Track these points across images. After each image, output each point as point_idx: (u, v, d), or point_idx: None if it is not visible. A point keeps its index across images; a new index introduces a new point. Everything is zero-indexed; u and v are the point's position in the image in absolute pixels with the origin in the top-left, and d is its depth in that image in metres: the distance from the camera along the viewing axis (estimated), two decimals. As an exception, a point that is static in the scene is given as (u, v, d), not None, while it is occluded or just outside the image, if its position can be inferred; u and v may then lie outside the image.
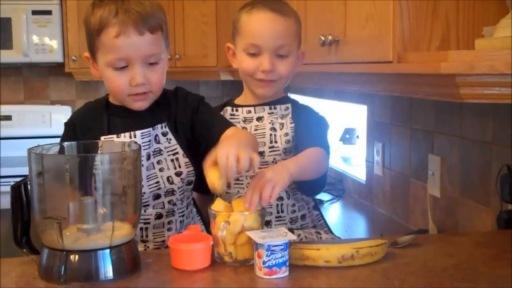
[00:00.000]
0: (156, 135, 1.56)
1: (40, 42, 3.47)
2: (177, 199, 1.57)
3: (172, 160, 1.56)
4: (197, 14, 3.47)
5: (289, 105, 1.69)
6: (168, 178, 1.55)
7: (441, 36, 1.38)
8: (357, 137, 2.91)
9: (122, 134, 1.53)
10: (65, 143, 1.36)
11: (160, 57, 1.51)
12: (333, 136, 3.00)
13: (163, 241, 1.58)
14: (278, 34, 1.61)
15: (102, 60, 1.50)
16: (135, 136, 1.53)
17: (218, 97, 3.92)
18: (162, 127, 1.57)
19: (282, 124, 1.65)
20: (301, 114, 1.68)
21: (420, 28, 1.38)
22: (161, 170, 1.54)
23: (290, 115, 1.67)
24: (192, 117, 1.58)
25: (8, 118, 3.66)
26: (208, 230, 1.64)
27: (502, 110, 1.64)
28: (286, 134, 1.63)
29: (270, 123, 1.66)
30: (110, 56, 1.47)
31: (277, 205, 1.62)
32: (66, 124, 1.63)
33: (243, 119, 1.69)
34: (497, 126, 1.67)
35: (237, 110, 1.71)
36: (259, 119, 1.68)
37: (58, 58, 3.51)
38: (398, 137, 2.24)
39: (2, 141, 3.60)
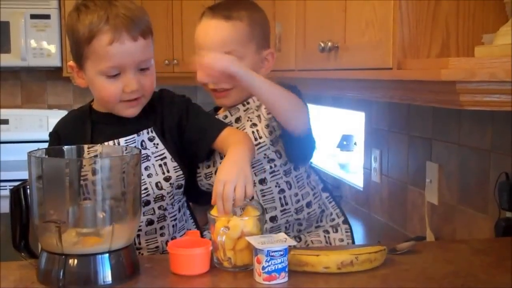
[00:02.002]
0: (142, 140, 1.53)
1: (38, 46, 3.46)
2: (167, 204, 1.55)
3: (160, 165, 1.53)
4: (196, 19, 3.45)
5: None
6: (156, 183, 1.52)
7: (441, 43, 1.39)
8: (355, 143, 2.91)
9: (106, 143, 1.51)
10: (65, 147, 1.36)
11: (151, 62, 1.50)
12: (330, 142, 3.01)
13: (157, 247, 1.57)
14: (221, 41, 1.56)
15: (92, 69, 1.45)
16: (119, 144, 1.51)
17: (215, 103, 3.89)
18: (148, 132, 1.53)
19: (259, 116, 1.58)
20: None
21: (420, 35, 1.38)
22: (149, 176, 1.51)
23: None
24: (181, 121, 1.55)
25: (5, 122, 3.66)
26: (201, 234, 1.64)
27: (500, 117, 1.64)
28: (267, 126, 1.55)
29: (248, 120, 1.59)
30: (103, 64, 1.43)
31: (280, 198, 1.57)
32: (50, 134, 1.60)
33: None
34: (495, 134, 1.67)
35: None
36: (237, 120, 1.62)
37: (56, 62, 3.51)
38: (396, 144, 2.24)
39: (-1, 145, 3.60)
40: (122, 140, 1.51)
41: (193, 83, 3.62)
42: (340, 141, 2.96)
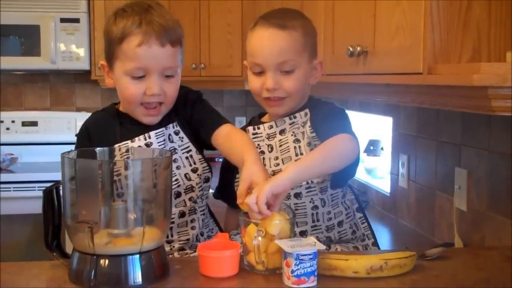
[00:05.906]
0: (169, 134, 1.61)
1: (67, 49, 3.51)
2: (197, 196, 1.61)
3: (186, 158, 1.61)
4: (223, 24, 3.49)
5: (307, 110, 1.62)
6: (185, 175, 1.59)
7: (472, 48, 1.38)
8: (382, 149, 2.89)
9: (137, 138, 1.57)
10: (98, 149, 1.38)
11: (176, 71, 1.56)
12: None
13: (188, 239, 1.61)
14: (278, 50, 1.55)
15: (120, 69, 1.54)
16: (149, 137, 1.57)
17: (241, 106, 3.93)
18: (173, 127, 1.62)
19: (303, 133, 1.59)
20: (316, 112, 1.60)
21: (451, 40, 1.38)
22: (178, 168, 1.59)
23: (309, 121, 1.59)
24: (191, 113, 1.63)
25: (34, 124, 3.71)
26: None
27: (532, 123, 1.63)
28: (309, 144, 1.57)
29: (292, 135, 1.60)
30: (130, 64, 1.51)
31: (312, 214, 1.57)
32: (79, 134, 1.64)
33: (267, 136, 1.64)
34: (526, 140, 1.66)
35: (259, 128, 1.66)
36: (281, 132, 1.63)
37: (84, 65, 3.55)
38: (424, 149, 2.23)
39: (27, 146, 3.64)
40: (152, 133, 1.58)
41: (219, 87, 3.65)
42: (367, 146, 2.94)
